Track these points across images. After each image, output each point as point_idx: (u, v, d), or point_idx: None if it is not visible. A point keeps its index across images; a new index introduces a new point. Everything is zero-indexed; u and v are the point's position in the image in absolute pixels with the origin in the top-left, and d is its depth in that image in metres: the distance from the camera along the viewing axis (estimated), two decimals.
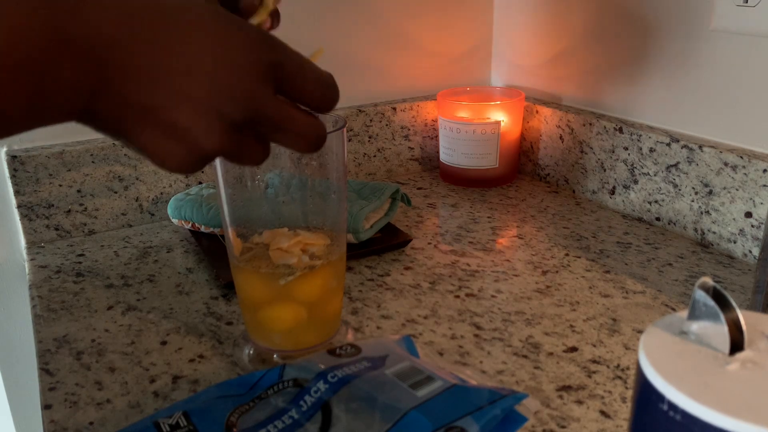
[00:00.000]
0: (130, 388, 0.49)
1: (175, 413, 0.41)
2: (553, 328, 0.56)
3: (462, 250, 0.70)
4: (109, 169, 0.76)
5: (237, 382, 0.45)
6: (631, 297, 0.61)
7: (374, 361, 0.45)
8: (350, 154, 0.90)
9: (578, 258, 0.68)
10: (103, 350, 0.54)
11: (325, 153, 0.48)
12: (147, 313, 0.60)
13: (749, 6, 0.64)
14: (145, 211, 0.79)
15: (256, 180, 0.48)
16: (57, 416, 0.47)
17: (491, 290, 0.62)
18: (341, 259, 0.51)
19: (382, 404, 0.40)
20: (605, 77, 0.82)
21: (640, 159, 0.76)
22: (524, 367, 0.51)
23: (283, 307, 0.50)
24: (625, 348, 0.53)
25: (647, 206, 0.76)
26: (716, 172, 0.68)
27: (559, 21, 0.87)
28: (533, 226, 0.76)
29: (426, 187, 0.90)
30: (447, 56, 0.96)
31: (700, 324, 0.28)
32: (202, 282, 0.65)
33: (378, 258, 0.69)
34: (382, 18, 0.89)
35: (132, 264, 0.69)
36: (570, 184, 0.87)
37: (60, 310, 0.60)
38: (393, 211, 0.72)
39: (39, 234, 0.74)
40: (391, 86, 0.93)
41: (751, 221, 0.66)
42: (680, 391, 0.24)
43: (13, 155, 0.71)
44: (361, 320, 0.57)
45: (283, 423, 0.40)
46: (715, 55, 0.68)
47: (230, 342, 0.55)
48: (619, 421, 0.45)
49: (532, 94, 0.93)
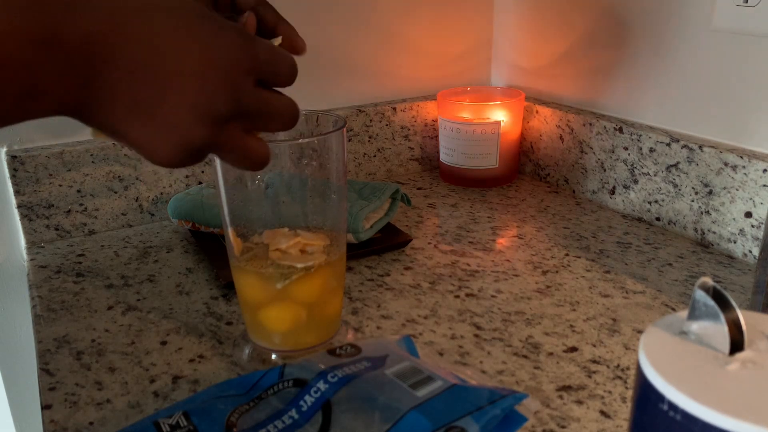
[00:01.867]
0: (130, 388, 0.49)
1: (175, 413, 0.41)
2: (553, 328, 0.56)
3: (462, 250, 0.70)
4: (109, 169, 0.76)
5: (237, 382, 0.45)
6: (631, 297, 0.61)
7: (374, 361, 0.45)
8: (350, 154, 0.90)
9: (578, 258, 0.68)
10: (103, 350, 0.54)
11: (325, 153, 0.48)
12: (147, 313, 0.60)
13: (749, 6, 0.64)
14: (145, 211, 0.79)
15: (256, 180, 0.48)
16: (57, 416, 0.47)
17: (491, 290, 0.62)
18: (341, 260, 0.51)
19: (382, 404, 0.40)
20: (605, 77, 0.82)
21: (640, 159, 0.76)
22: (524, 367, 0.51)
23: (283, 308, 0.50)
24: (625, 348, 0.53)
25: (647, 206, 0.76)
26: (716, 172, 0.68)
27: (559, 21, 0.87)
28: (533, 226, 0.76)
29: (426, 187, 0.90)
30: (447, 56, 0.96)
31: (700, 324, 0.28)
32: (202, 282, 0.65)
33: (378, 258, 0.69)
34: (382, 18, 0.89)
35: (132, 264, 0.69)
36: (570, 184, 0.87)
37: (60, 310, 0.60)
38: (393, 211, 0.72)
39: (39, 234, 0.74)
40: (391, 86, 0.93)
41: (751, 221, 0.66)
42: (680, 391, 0.24)
43: (13, 155, 0.71)
44: (361, 320, 0.57)
45: (283, 423, 0.40)
46: (715, 55, 0.68)
47: (230, 342, 0.55)
48: (619, 421, 0.45)
49: (532, 94, 0.93)
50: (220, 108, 0.35)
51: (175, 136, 0.34)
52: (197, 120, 0.34)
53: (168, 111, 0.33)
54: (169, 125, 0.34)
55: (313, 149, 0.48)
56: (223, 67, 0.34)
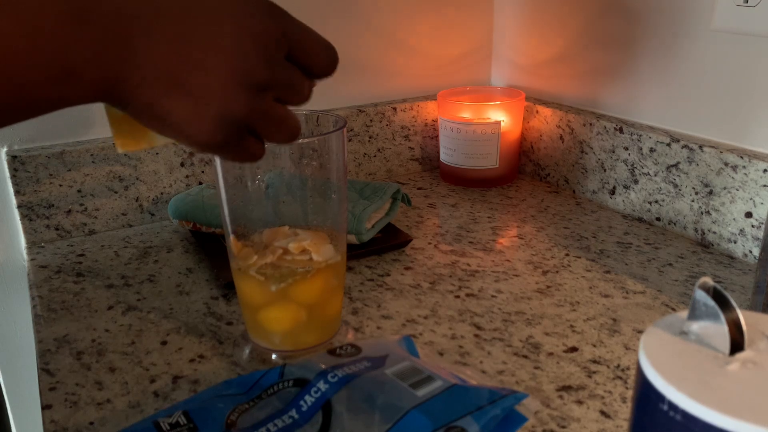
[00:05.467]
0: (130, 388, 0.49)
1: (175, 413, 0.41)
2: (553, 328, 0.56)
3: (462, 250, 0.70)
4: (109, 169, 0.76)
5: (237, 381, 0.45)
6: (632, 297, 0.60)
7: (374, 360, 0.45)
8: (350, 154, 0.90)
9: (578, 258, 0.68)
10: (104, 350, 0.54)
11: (326, 153, 0.48)
12: (147, 313, 0.60)
13: (749, 6, 0.64)
14: (146, 211, 0.79)
15: (257, 180, 0.48)
16: (57, 416, 0.47)
17: (491, 290, 0.62)
18: (341, 260, 0.51)
19: (383, 404, 0.40)
20: (605, 77, 0.82)
21: (640, 159, 0.76)
22: (524, 367, 0.51)
23: (283, 308, 0.50)
24: (626, 348, 0.53)
25: (647, 206, 0.76)
26: (716, 172, 0.68)
27: (559, 21, 0.87)
28: (533, 226, 0.76)
29: (426, 187, 0.90)
30: (447, 56, 0.96)
31: (701, 324, 0.28)
32: (202, 282, 0.65)
33: (378, 258, 0.69)
34: (382, 18, 0.89)
35: (132, 264, 0.69)
36: (570, 184, 0.87)
37: (60, 310, 0.60)
38: (394, 211, 0.72)
39: (39, 234, 0.74)
40: (391, 86, 0.93)
41: (751, 221, 0.66)
42: (680, 391, 0.24)
43: (13, 155, 0.71)
44: (361, 320, 0.57)
45: (283, 422, 0.40)
46: (715, 55, 0.68)
47: (230, 342, 0.55)
48: (619, 421, 0.45)
49: (532, 94, 0.93)
50: (257, 75, 0.35)
51: (216, 106, 0.34)
52: (236, 88, 0.34)
53: (206, 81, 0.33)
54: (208, 96, 0.34)
55: (313, 149, 0.48)
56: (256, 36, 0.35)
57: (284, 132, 0.38)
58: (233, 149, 0.37)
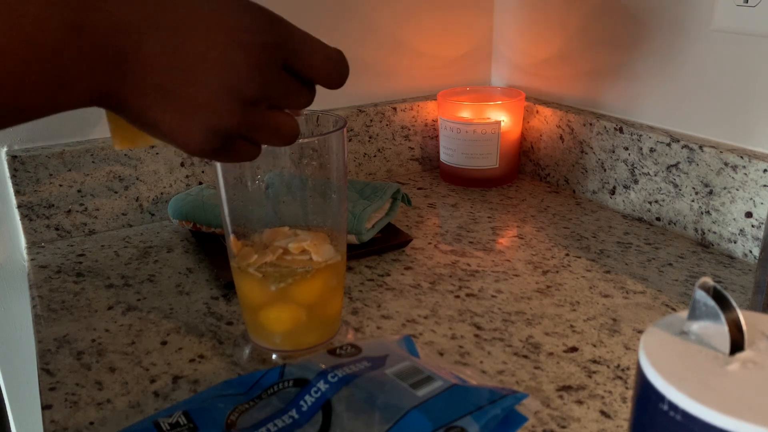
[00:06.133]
0: (130, 388, 0.49)
1: (175, 413, 0.41)
2: (553, 328, 0.56)
3: (462, 250, 0.70)
4: (109, 169, 0.76)
5: (237, 381, 0.45)
6: (632, 297, 0.60)
7: (374, 360, 0.45)
8: (350, 154, 0.90)
9: (578, 258, 0.68)
10: (104, 350, 0.54)
11: (326, 153, 0.48)
12: (147, 313, 0.60)
13: (749, 6, 0.64)
14: (146, 211, 0.79)
15: (257, 180, 0.48)
16: (57, 416, 0.47)
17: (491, 290, 0.62)
18: (341, 260, 0.51)
19: (383, 404, 0.40)
20: (605, 77, 0.82)
21: (640, 159, 0.76)
22: (524, 367, 0.51)
23: (283, 308, 0.50)
24: (626, 348, 0.53)
25: (647, 206, 0.76)
26: (716, 172, 0.68)
27: (559, 21, 0.87)
28: (533, 226, 0.76)
29: (426, 187, 0.90)
30: (447, 56, 0.96)
31: (701, 324, 0.28)
32: (202, 282, 0.65)
33: (378, 258, 0.69)
34: (382, 18, 0.89)
35: (132, 264, 0.69)
36: (570, 184, 0.87)
37: (60, 310, 0.60)
38: (394, 211, 0.72)
39: (39, 234, 0.74)
40: (391, 86, 0.93)
41: (751, 221, 0.66)
42: (680, 391, 0.24)
43: (13, 155, 0.71)
44: (361, 320, 0.57)
45: (283, 422, 0.40)
46: (715, 55, 0.68)
47: (230, 342, 0.55)
48: (620, 421, 0.45)
49: (532, 94, 0.93)
50: (248, 88, 0.35)
51: (204, 119, 0.34)
52: (225, 100, 0.34)
53: (196, 93, 0.34)
54: (199, 108, 0.34)
55: (313, 149, 0.48)
56: (249, 48, 0.35)
57: (280, 139, 0.39)
58: (226, 155, 0.37)
